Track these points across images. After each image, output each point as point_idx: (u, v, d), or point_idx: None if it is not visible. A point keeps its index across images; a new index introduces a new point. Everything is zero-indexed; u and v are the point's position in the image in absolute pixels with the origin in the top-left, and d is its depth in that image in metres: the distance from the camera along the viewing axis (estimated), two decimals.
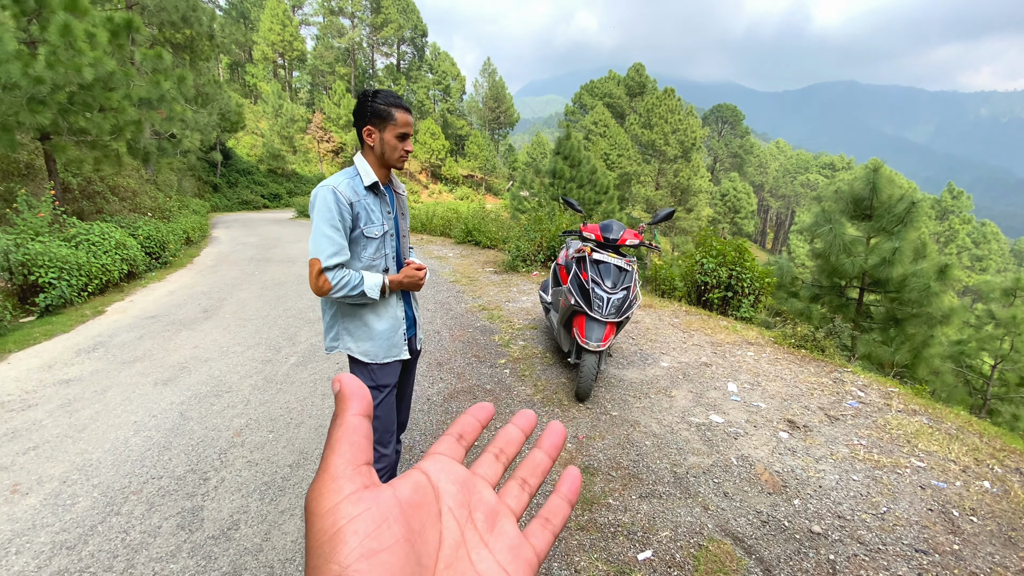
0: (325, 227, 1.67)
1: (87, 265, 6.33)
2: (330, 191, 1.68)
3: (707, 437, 3.05)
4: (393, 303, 1.89)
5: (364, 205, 1.74)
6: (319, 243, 1.67)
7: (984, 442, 2.97)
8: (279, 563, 2.14)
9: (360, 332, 1.84)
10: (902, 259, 7.01)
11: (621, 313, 3.33)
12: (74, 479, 2.72)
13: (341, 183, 1.71)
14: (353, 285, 1.71)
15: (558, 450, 0.35)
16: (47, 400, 3.64)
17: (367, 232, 1.76)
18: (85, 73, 6.43)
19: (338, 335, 1.87)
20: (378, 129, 1.72)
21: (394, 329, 1.89)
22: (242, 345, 4.85)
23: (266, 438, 3.16)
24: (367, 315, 1.83)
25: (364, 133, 1.75)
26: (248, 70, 44.59)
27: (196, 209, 15.68)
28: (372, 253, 1.80)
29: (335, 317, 1.86)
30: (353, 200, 1.71)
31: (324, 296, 1.71)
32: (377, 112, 1.70)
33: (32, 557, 2.18)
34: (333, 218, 1.67)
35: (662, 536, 2.22)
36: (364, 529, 0.24)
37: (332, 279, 1.67)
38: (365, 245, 1.78)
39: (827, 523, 2.28)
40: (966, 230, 39.69)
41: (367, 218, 1.76)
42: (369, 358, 1.84)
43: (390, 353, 1.88)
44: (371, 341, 1.84)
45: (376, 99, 1.70)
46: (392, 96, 1.72)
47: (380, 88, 1.74)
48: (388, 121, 1.71)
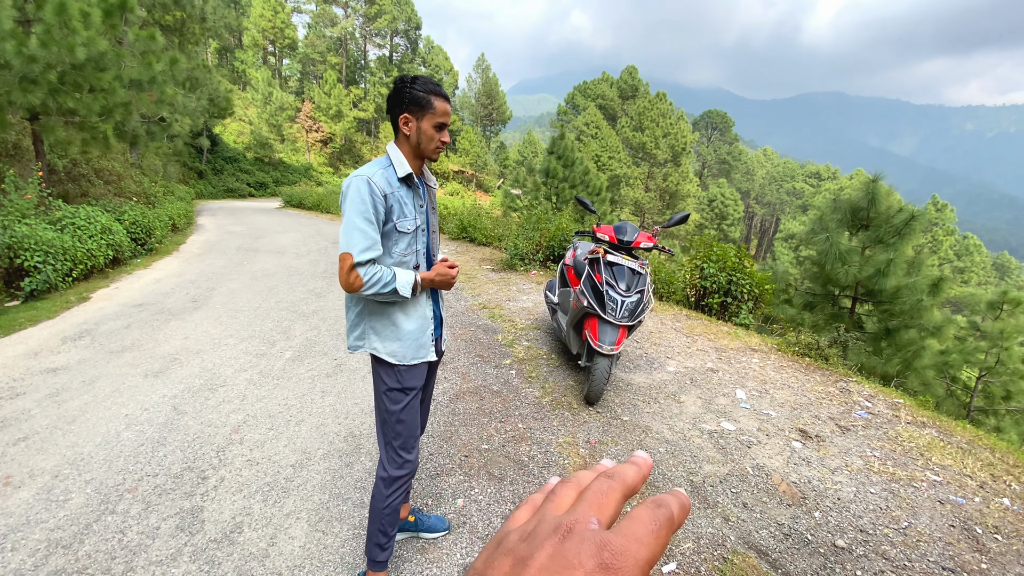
0: (358, 220, 1.58)
1: (72, 249, 6.11)
2: (364, 181, 1.58)
3: (720, 445, 3.00)
4: (423, 302, 1.80)
5: (398, 197, 1.65)
6: (351, 237, 1.58)
7: (997, 458, 2.97)
8: (287, 569, 2.04)
9: (388, 332, 1.74)
10: (896, 271, 7.08)
11: (635, 316, 3.27)
12: (66, 473, 2.58)
13: (375, 173, 1.61)
14: (385, 282, 1.61)
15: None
16: (35, 389, 3.48)
17: (400, 226, 1.67)
18: (78, 52, 6.22)
19: (364, 334, 1.77)
20: (415, 117, 1.63)
21: (422, 329, 1.79)
22: (235, 337, 4.71)
23: (266, 436, 3.04)
24: (396, 314, 1.74)
25: (400, 121, 1.64)
26: (238, 56, 43.75)
27: (181, 195, 15.32)
28: (404, 249, 1.71)
29: (361, 315, 1.77)
30: (387, 192, 1.62)
31: (354, 293, 1.60)
32: (416, 99, 1.60)
33: (28, 555, 2.06)
34: (367, 210, 1.58)
35: (685, 548, 2.16)
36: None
37: (364, 275, 1.58)
38: (397, 240, 1.68)
39: (850, 537, 2.25)
40: (949, 242, 40.52)
41: (400, 211, 1.66)
42: (396, 359, 1.75)
43: (418, 354, 1.78)
44: (399, 342, 1.75)
45: (415, 85, 1.60)
46: (432, 83, 1.62)
47: (418, 75, 1.64)
48: (427, 109, 1.61)
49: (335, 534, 2.25)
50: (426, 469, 2.73)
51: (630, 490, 0.30)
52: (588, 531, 0.26)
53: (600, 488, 0.29)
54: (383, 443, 1.84)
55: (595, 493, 0.29)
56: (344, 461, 2.80)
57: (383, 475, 1.83)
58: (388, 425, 1.81)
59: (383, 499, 1.82)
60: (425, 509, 2.43)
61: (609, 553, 0.24)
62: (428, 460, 2.81)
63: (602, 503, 0.28)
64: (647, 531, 0.26)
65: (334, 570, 2.05)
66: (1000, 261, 47.06)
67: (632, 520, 0.26)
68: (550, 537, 0.26)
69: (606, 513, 0.28)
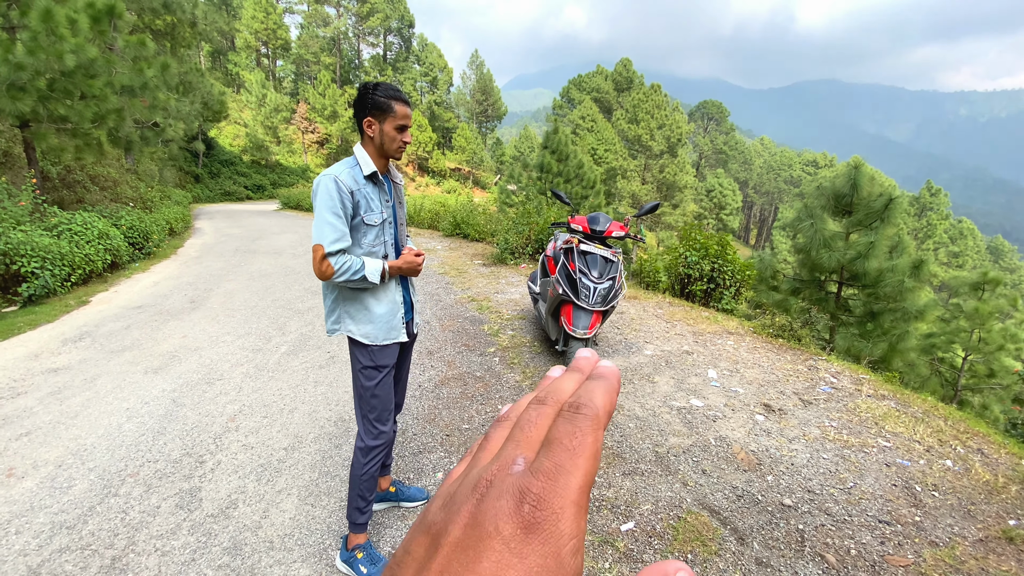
0: (327, 214, 1.74)
1: (70, 255, 6.28)
2: (332, 180, 1.75)
3: (687, 420, 3.18)
4: (392, 288, 1.97)
5: (364, 194, 1.81)
6: (322, 230, 1.75)
7: (948, 425, 3.15)
8: (278, 538, 2.23)
9: (361, 315, 1.91)
10: (877, 253, 7.23)
11: (607, 302, 3.44)
12: (69, 463, 2.77)
13: (342, 172, 1.78)
14: (355, 270, 1.78)
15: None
16: (36, 388, 3.66)
17: (367, 220, 1.83)
18: (66, 60, 6.35)
19: (340, 318, 1.94)
20: (378, 121, 1.79)
21: (393, 313, 1.96)
22: (232, 335, 4.89)
23: (260, 423, 3.23)
24: (367, 299, 1.91)
25: (364, 124, 1.81)
26: (231, 58, 43.84)
27: (178, 200, 15.49)
28: (372, 240, 1.87)
29: (336, 301, 1.94)
30: (353, 189, 1.78)
31: (327, 280, 1.78)
32: (377, 104, 1.76)
33: (32, 536, 2.23)
34: (335, 206, 1.74)
35: (643, 509, 2.34)
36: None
37: (335, 264, 1.75)
38: (365, 232, 1.85)
39: (797, 497, 2.43)
40: (943, 227, 40.68)
41: (367, 206, 1.83)
42: (369, 340, 1.92)
43: (389, 335, 1.95)
44: (371, 324, 1.92)
45: (377, 92, 1.76)
46: (392, 89, 1.79)
47: (380, 81, 1.81)
48: (388, 113, 1.78)
49: (323, 506, 2.44)
50: (409, 447, 2.92)
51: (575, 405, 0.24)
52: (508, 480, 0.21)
53: (528, 419, 0.24)
54: (360, 416, 2.02)
55: (522, 428, 0.24)
56: (334, 443, 2.99)
57: (360, 445, 2.01)
58: (364, 400, 1.99)
59: (361, 467, 2.00)
60: (407, 483, 2.62)
61: (529, 505, 0.20)
62: (411, 439, 3.00)
63: (531, 438, 0.23)
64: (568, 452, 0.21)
65: (321, 537, 2.24)
66: (994, 244, 47.20)
67: (549, 446, 0.22)
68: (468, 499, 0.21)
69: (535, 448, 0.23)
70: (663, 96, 43.81)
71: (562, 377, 0.27)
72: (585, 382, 0.26)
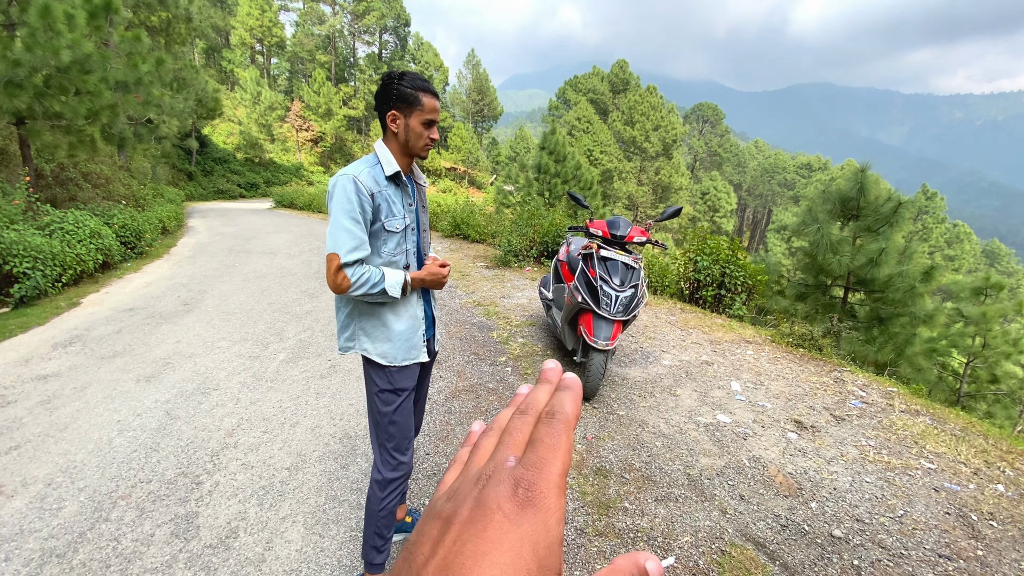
0: (345, 220, 1.55)
1: (61, 255, 6.04)
2: (351, 180, 1.55)
3: (716, 437, 3.01)
4: (413, 302, 1.77)
5: (385, 196, 1.62)
6: (338, 237, 1.55)
7: (991, 444, 2.99)
8: (284, 574, 2.03)
9: (378, 332, 1.72)
10: (888, 260, 7.13)
11: (629, 311, 3.26)
12: (59, 481, 2.56)
13: (362, 172, 1.58)
14: (374, 283, 1.59)
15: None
16: (26, 396, 3.44)
17: (388, 226, 1.64)
18: (63, 55, 6.14)
19: (354, 335, 1.74)
20: (403, 115, 1.59)
21: (413, 330, 1.77)
22: (227, 340, 4.67)
23: (260, 439, 3.02)
24: (386, 314, 1.71)
25: (388, 118, 1.60)
26: (225, 56, 43.35)
27: (171, 198, 15.20)
28: (392, 248, 1.68)
29: (351, 316, 1.74)
30: (374, 191, 1.59)
31: (342, 294, 1.59)
32: (404, 96, 1.56)
33: (22, 565, 2.04)
34: (354, 210, 1.55)
35: (683, 541, 2.16)
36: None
37: (352, 276, 1.56)
38: (386, 239, 1.66)
39: (847, 527, 2.26)
40: (939, 230, 40.84)
41: (388, 211, 1.63)
42: (387, 360, 1.73)
43: (409, 355, 1.76)
44: (390, 342, 1.72)
45: (403, 81, 1.56)
46: (420, 79, 1.59)
47: (406, 71, 1.60)
48: (415, 106, 1.58)
49: (332, 537, 2.24)
50: (422, 469, 2.72)
51: (550, 412, 0.30)
52: (504, 472, 0.26)
53: (514, 427, 0.30)
54: (376, 445, 1.82)
55: (510, 433, 0.29)
56: (340, 463, 2.79)
57: (377, 478, 1.81)
58: (381, 427, 1.79)
59: (378, 502, 1.81)
60: (422, 510, 2.42)
61: (523, 488, 0.25)
62: (424, 460, 2.80)
63: (517, 441, 0.29)
64: (549, 449, 0.27)
65: (331, 573, 2.04)
66: (990, 248, 47.50)
67: (534, 445, 0.27)
68: (472, 490, 0.26)
69: (522, 448, 0.28)
70: (659, 98, 43.79)
71: (536, 389, 0.33)
72: (555, 392, 0.31)
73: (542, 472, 0.26)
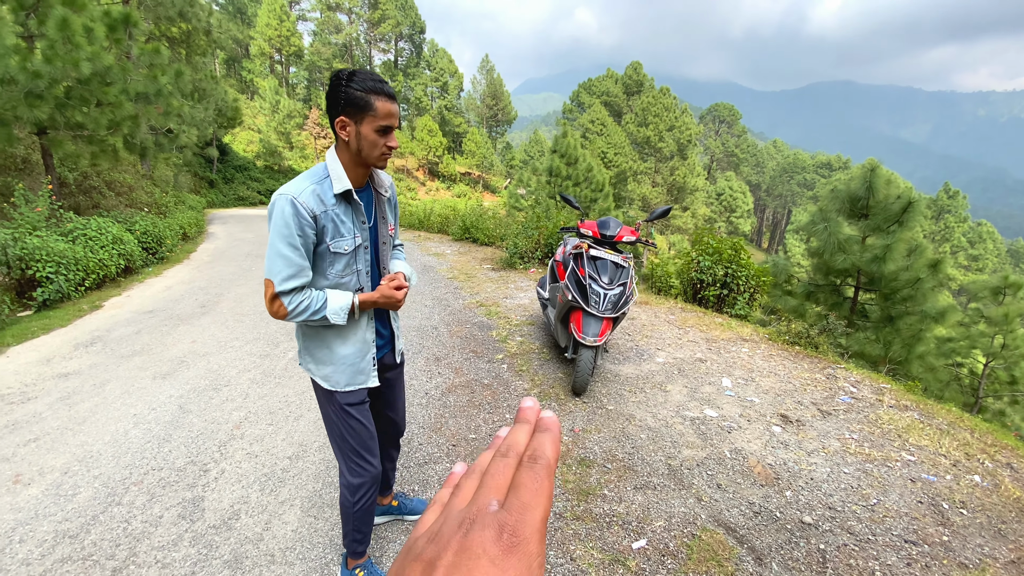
0: (281, 245, 1.43)
1: (84, 260, 6.33)
2: (289, 202, 1.42)
3: (701, 431, 3.09)
4: (363, 324, 1.67)
5: (332, 216, 1.49)
6: (274, 263, 1.44)
7: (975, 437, 3.02)
8: (279, 551, 2.18)
9: (321, 355, 1.64)
10: (894, 255, 7.08)
11: (617, 309, 3.36)
12: (75, 470, 2.74)
13: (304, 191, 1.45)
14: (314, 310, 1.50)
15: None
16: (46, 393, 3.66)
17: (334, 247, 1.52)
18: (82, 67, 6.42)
19: (301, 353, 1.71)
20: (353, 121, 1.42)
21: (361, 354, 1.68)
22: (240, 340, 4.87)
23: (265, 431, 3.19)
24: (330, 338, 1.63)
25: (337, 125, 1.44)
26: (245, 66, 44.37)
27: (192, 205, 15.64)
28: (341, 270, 1.57)
29: (298, 335, 1.70)
30: (318, 212, 1.46)
31: (281, 320, 1.53)
32: (352, 100, 1.39)
33: (35, 545, 2.20)
34: (291, 235, 1.43)
35: (656, 526, 2.26)
36: None
37: (288, 304, 1.47)
38: (332, 261, 1.54)
39: (818, 514, 2.33)
40: (962, 229, 39.93)
41: (335, 231, 1.51)
42: (329, 384, 1.66)
43: (354, 380, 1.68)
44: (332, 366, 1.65)
45: (352, 83, 1.39)
46: (372, 79, 1.41)
47: (357, 69, 1.43)
48: (367, 112, 1.40)
49: (325, 519, 2.38)
50: (414, 458, 2.86)
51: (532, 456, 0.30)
52: (488, 516, 0.27)
53: (496, 470, 0.30)
54: (337, 453, 1.79)
55: (492, 476, 0.30)
56: None
57: (345, 483, 1.79)
58: (336, 436, 1.75)
59: (351, 505, 1.80)
60: (411, 494, 2.55)
61: (508, 534, 0.25)
62: (417, 450, 2.94)
63: (499, 484, 0.29)
64: (532, 494, 0.27)
65: (323, 551, 2.18)
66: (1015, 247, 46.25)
67: (517, 489, 0.28)
68: (455, 533, 0.26)
69: (504, 492, 0.29)
70: (672, 99, 43.59)
71: (515, 430, 0.33)
72: (536, 434, 0.32)
73: (525, 517, 0.26)
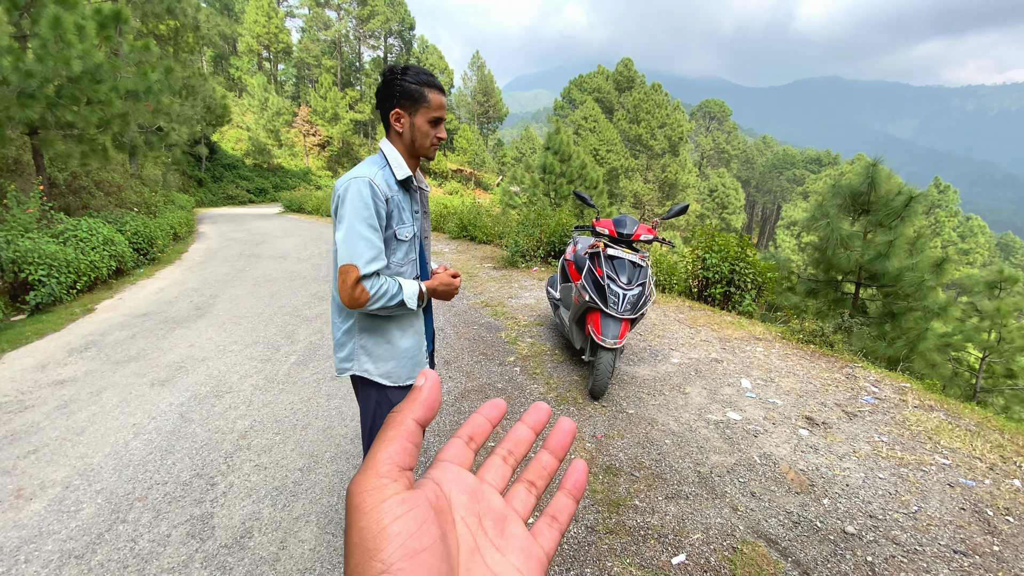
0: (362, 227, 1.42)
1: (76, 262, 6.14)
2: (366, 184, 1.43)
3: (727, 435, 3.00)
4: (420, 315, 1.69)
5: (397, 202, 1.52)
6: (355, 246, 1.42)
7: (1007, 439, 2.96)
8: (298, 573, 2.05)
9: (381, 351, 1.60)
10: (897, 252, 7.06)
11: (637, 309, 3.26)
12: (76, 484, 2.60)
13: (376, 175, 1.47)
14: (391, 294, 1.48)
15: (565, 450, 0.35)
16: (43, 401, 3.50)
17: (399, 234, 1.53)
18: (74, 66, 6.24)
19: (353, 354, 1.62)
20: (408, 113, 1.49)
21: (418, 346, 1.67)
22: (239, 343, 4.72)
23: (273, 441, 3.06)
24: (392, 330, 1.59)
25: (392, 117, 1.50)
26: (233, 63, 43.76)
27: (182, 204, 15.37)
28: (401, 258, 1.57)
29: (350, 332, 1.61)
30: (388, 195, 1.48)
31: (358, 308, 1.46)
32: (408, 92, 1.46)
33: (41, 566, 2.07)
34: (371, 216, 1.43)
35: (694, 539, 2.16)
36: (407, 529, 0.24)
37: (371, 288, 1.44)
38: (395, 248, 1.55)
39: (860, 523, 2.24)
40: (952, 224, 40.35)
41: (399, 218, 1.53)
42: (391, 381, 1.61)
43: (414, 373, 1.64)
44: (395, 360, 1.61)
45: (406, 76, 1.46)
46: (425, 73, 1.48)
47: (409, 64, 1.50)
48: (421, 103, 1.48)
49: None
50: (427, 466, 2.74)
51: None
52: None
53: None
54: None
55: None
56: (351, 463, 2.81)
57: None
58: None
59: None
60: None
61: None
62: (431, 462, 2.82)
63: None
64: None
65: None
66: (1004, 241, 46.88)
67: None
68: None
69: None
70: (664, 95, 43.63)
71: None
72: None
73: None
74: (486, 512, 0.31)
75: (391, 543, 0.24)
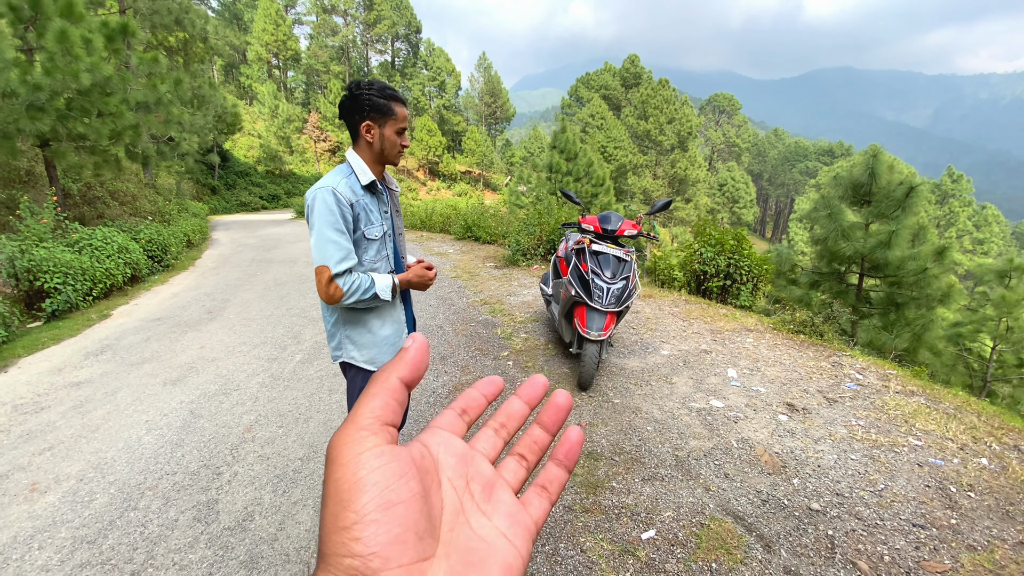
0: (329, 231, 1.58)
1: (91, 270, 6.39)
2: (330, 192, 1.59)
3: (708, 421, 3.11)
4: (398, 306, 1.84)
5: (363, 205, 1.66)
6: (326, 249, 1.58)
7: (982, 421, 3.03)
8: (294, 551, 2.21)
9: (363, 339, 1.77)
10: (899, 242, 7.05)
11: (621, 303, 3.38)
12: (90, 477, 2.79)
13: (339, 183, 1.62)
14: (365, 288, 1.64)
15: (559, 425, 0.34)
16: (59, 402, 3.71)
17: (368, 234, 1.68)
18: (82, 79, 6.46)
19: (340, 343, 1.80)
20: (378, 124, 1.63)
21: (398, 334, 1.83)
22: (248, 344, 4.91)
23: (276, 433, 3.23)
24: (371, 320, 1.77)
25: (363, 128, 1.64)
26: (243, 71, 44.49)
27: (195, 212, 15.73)
28: (373, 256, 1.72)
29: (336, 324, 1.79)
30: (352, 200, 1.63)
31: (336, 304, 1.63)
32: (377, 106, 1.61)
33: (55, 551, 2.24)
34: (336, 221, 1.59)
35: (665, 516, 2.28)
36: (383, 481, 0.25)
37: (344, 285, 1.60)
38: (366, 247, 1.70)
39: (825, 500, 2.35)
40: (967, 213, 39.69)
41: (367, 219, 1.67)
42: (375, 366, 1.77)
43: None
44: (376, 348, 1.78)
45: (372, 91, 1.60)
46: (389, 88, 1.63)
47: (372, 79, 1.65)
48: (388, 116, 1.63)
49: None
50: None
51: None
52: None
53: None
54: None
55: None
56: None
57: None
58: None
59: None
60: None
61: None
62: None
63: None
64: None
65: None
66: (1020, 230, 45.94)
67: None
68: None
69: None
70: (671, 90, 43.45)
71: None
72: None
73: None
74: (474, 476, 0.31)
75: (366, 494, 0.24)
